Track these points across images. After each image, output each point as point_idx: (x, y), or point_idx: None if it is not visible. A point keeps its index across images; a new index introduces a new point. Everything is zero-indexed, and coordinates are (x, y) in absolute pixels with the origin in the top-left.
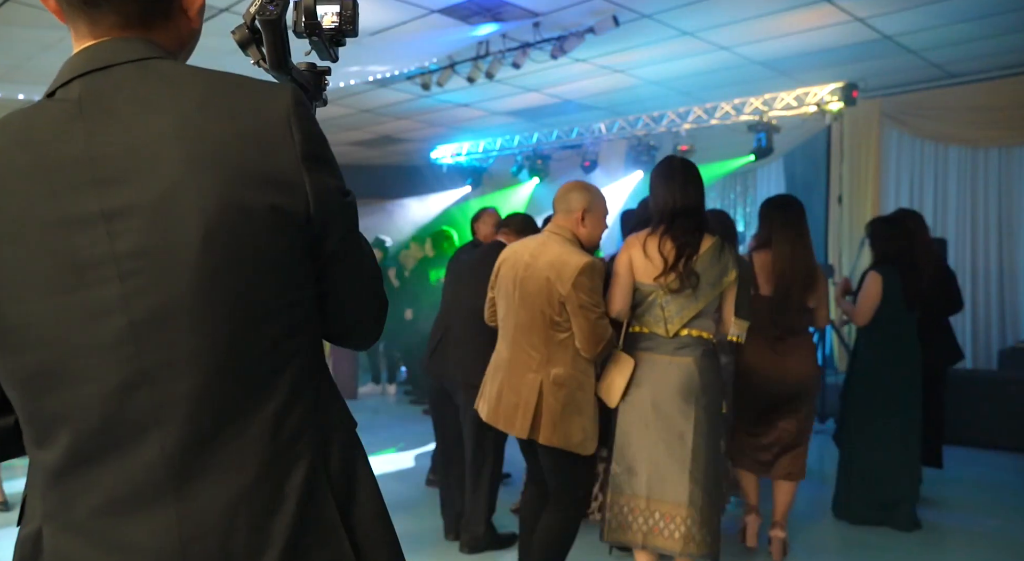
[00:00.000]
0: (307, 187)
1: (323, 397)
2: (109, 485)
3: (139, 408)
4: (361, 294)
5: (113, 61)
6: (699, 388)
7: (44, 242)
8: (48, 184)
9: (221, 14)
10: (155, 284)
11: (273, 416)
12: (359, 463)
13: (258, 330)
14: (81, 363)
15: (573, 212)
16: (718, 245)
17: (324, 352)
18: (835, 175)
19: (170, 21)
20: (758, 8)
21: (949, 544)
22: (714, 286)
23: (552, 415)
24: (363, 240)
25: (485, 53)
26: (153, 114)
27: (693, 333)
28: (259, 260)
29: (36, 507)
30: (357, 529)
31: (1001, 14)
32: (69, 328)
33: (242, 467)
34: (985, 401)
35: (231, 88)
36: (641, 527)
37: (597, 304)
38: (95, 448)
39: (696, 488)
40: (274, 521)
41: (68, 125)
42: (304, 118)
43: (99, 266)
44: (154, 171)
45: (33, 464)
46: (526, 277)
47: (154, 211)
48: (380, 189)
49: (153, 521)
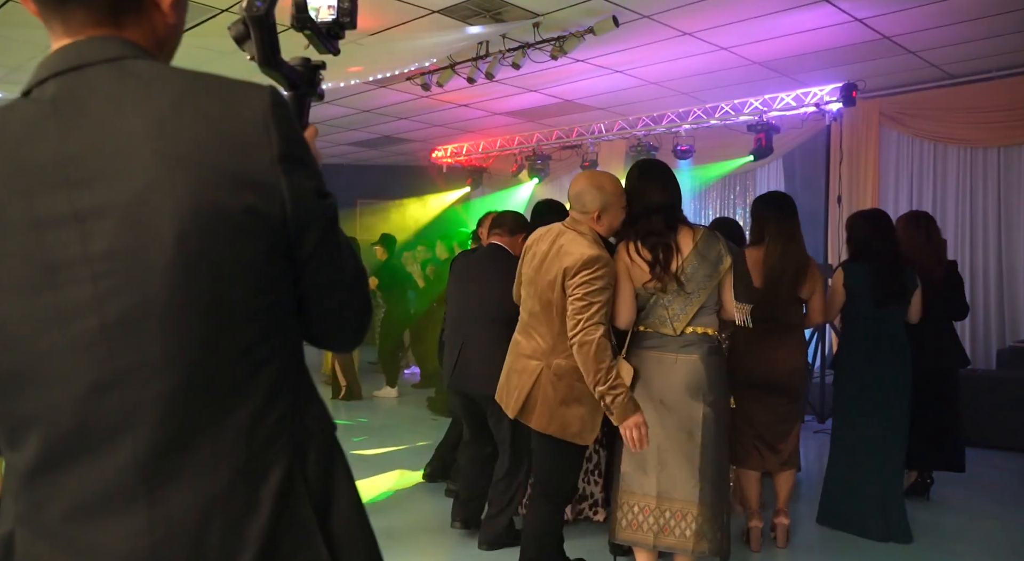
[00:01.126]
0: (283, 189)
1: (300, 400)
2: (79, 489)
3: (111, 411)
4: (341, 297)
5: (88, 60)
6: (706, 384)
7: (16, 243)
8: (21, 184)
9: (221, 14)
10: (128, 286)
11: (248, 419)
12: (337, 467)
13: (232, 333)
14: (53, 365)
15: (588, 213)
16: (706, 237)
17: (303, 354)
18: (834, 175)
19: (142, 16)
20: (758, 8)
21: (949, 544)
22: (711, 278)
23: (548, 404)
24: (343, 242)
25: (485, 53)
26: (127, 115)
27: (698, 330)
28: (234, 262)
29: (9, 509)
30: (335, 533)
31: (1001, 14)
32: (41, 329)
33: (216, 471)
34: (985, 401)
35: (207, 88)
36: (652, 527)
37: (590, 296)
38: (66, 451)
39: (706, 485)
40: (248, 525)
41: (42, 125)
42: (282, 119)
43: (72, 267)
44: (128, 172)
45: (7, 466)
46: (542, 267)
47: (127, 212)
48: (380, 189)
49: (123, 525)
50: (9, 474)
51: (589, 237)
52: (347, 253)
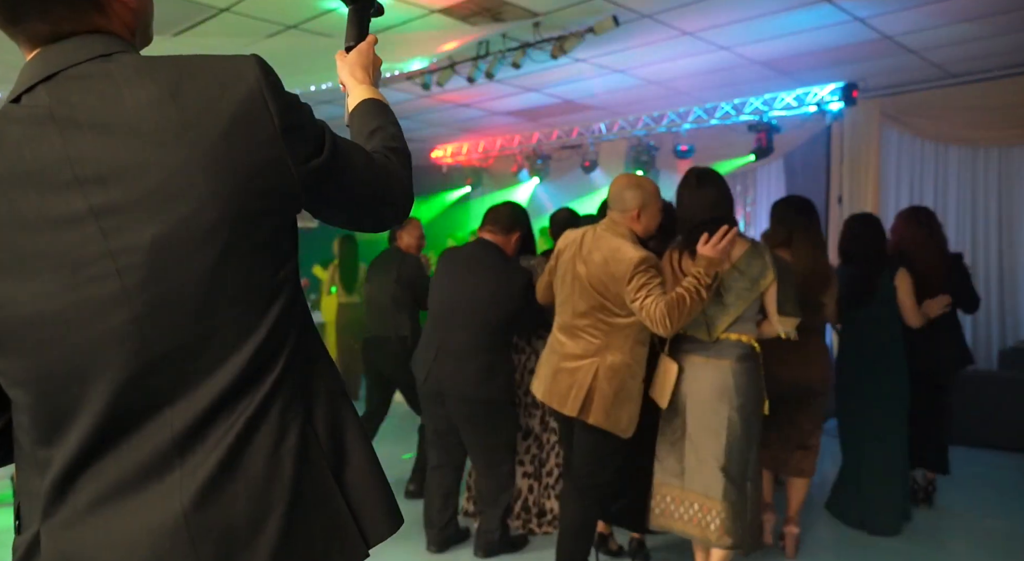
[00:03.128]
0: (289, 163)
1: (311, 363)
2: (117, 469)
3: (151, 394)
4: (372, 204)
5: (72, 61)
6: (733, 389)
7: (35, 244)
8: (30, 186)
9: (221, 14)
10: (155, 277)
11: (272, 384)
12: (347, 424)
13: (259, 311)
14: (89, 361)
15: (628, 211)
16: (749, 253)
17: (311, 317)
18: (835, 175)
19: (107, 8)
20: (758, 8)
21: (949, 544)
22: (751, 290)
23: (605, 400)
24: (356, 171)
25: (485, 53)
26: (126, 109)
27: (732, 337)
28: (256, 244)
29: (34, 511)
30: (350, 486)
31: (1001, 14)
32: (73, 328)
33: (242, 434)
34: (985, 401)
35: (196, 71)
36: (682, 515)
37: (654, 288)
38: (108, 437)
39: (730, 484)
40: (274, 486)
41: (40, 128)
42: (275, 86)
43: (95, 263)
44: (139, 167)
45: (34, 466)
46: (584, 269)
47: (146, 206)
48: None
49: (159, 495)
50: (30, 476)
51: (630, 239)
52: (363, 174)
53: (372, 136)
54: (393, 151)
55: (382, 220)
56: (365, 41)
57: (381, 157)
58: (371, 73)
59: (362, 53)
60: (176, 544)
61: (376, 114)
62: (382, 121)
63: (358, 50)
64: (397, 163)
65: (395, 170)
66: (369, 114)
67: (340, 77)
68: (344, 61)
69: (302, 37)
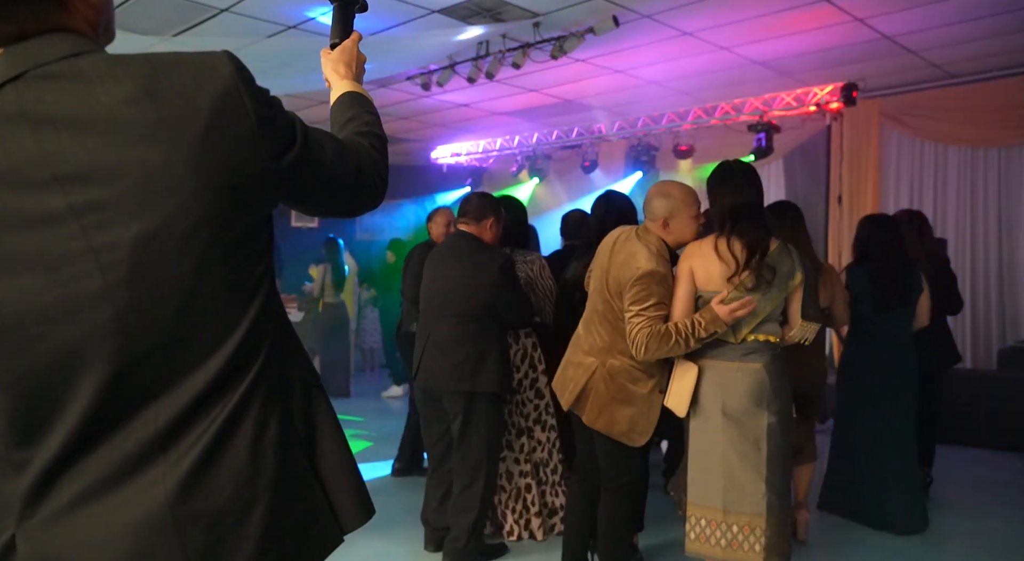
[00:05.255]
0: (267, 157)
1: (287, 354)
2: (99, 469)
3: (135, 390)
4: (347, 194)
5: (40, 61)
6: (770, 393)
7: (13, 243)
8: (4, 186)
9: (221, 14)
10: (139, 274)
11: (253, 378)
12: (321, 415)
13: (242, 304)
14: (72, 358)
15: (656, 220)
16: (781, 248)
17: (284, 309)
18: (835, 175)
19: (70, 4)
20: (758, 8)
21: (949, 544)
22: (780, 289)
23: (599, 401)
24: (321, 149)
25: (485, 53)
26: (101, 106)
27: (760, 338)
28: (238, 239)
29: (8, 513)
30: (325, 480)
31: (1001, 14)
32: (55, 326)
33: (225, 427)
34: (985, 401)
35: (170, 68)
36: (719, 541)
37: (648, 307)
38: (91, 434)
39: (773, 496)
40: (258, 476)
41: (12, 129)
42: (249, 81)
43: (77, 261)
44: (118, 164)
45: (9, 469)
46: (607, 268)
47: (129, 203)
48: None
49: (142, 489)
50: (3, 480)
51: (653, 248)
52: (334, 160)
53: (346, 124)
54: (365, 136)
55: (359, 204)
56: (349, 38)
57: (352, 142)
58: (354, 69)
59: (346, 50)
60: (162, 533)
61: (352, 105)
62: (357, 111)
63: (342, 47)
64: (369, 147)
65: (367, 153)
66: (345, 105)
67: (324, 73)
68: (328, 58)
69: (302, 37)
